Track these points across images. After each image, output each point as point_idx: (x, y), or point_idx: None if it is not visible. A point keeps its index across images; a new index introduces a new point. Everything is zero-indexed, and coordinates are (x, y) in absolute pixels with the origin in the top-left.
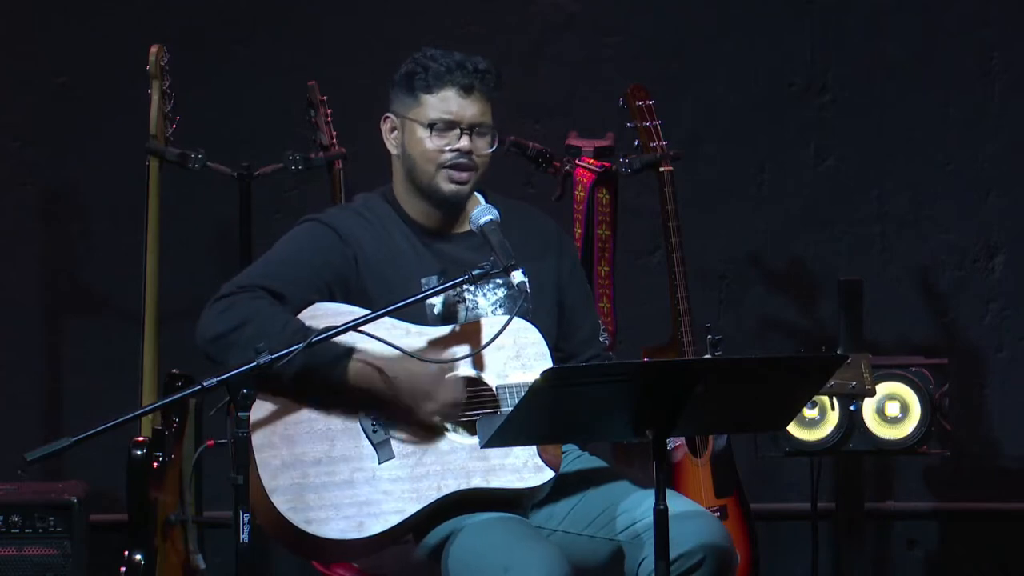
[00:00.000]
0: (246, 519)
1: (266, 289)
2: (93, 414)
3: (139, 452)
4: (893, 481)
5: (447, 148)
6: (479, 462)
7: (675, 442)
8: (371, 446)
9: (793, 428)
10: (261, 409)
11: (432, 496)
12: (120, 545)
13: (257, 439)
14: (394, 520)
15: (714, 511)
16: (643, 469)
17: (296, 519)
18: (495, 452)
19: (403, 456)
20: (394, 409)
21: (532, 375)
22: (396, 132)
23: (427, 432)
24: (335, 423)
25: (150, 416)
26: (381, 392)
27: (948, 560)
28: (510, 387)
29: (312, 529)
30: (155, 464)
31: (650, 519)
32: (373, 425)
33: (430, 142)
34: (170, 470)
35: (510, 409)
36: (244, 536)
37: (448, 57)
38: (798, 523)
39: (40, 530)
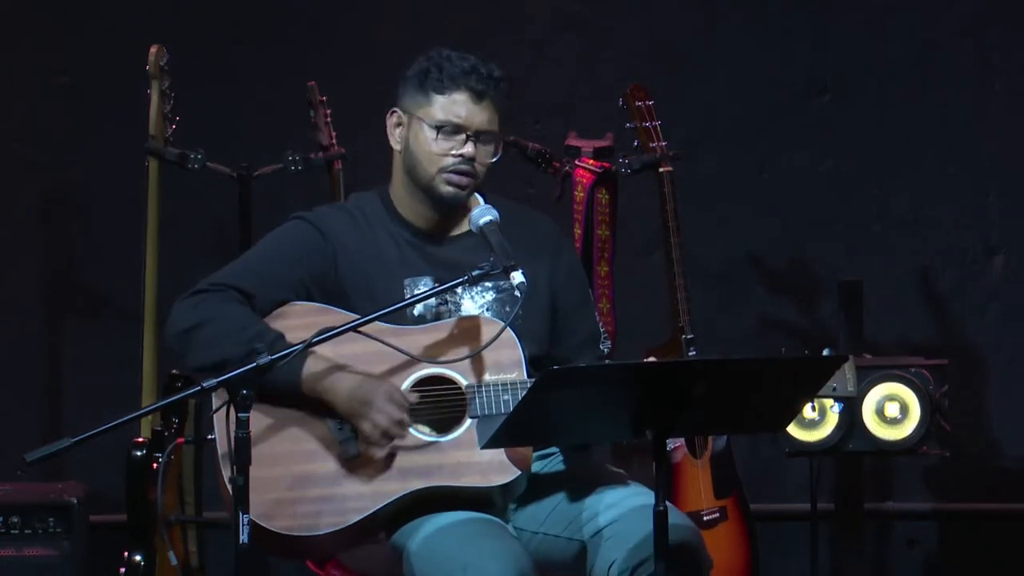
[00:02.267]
0: (245, 520)
1: (236, 288)
2: (93, 414)
3: (139, 452)
4: (893, 481)
5: (451, 152)
6: (444, 460)
7: (675, 443)
8: (335, 443)
9: (793, 428)
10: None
11: (395, 494)
12: (120, 545)
13: (222, 438)
14: (354, 517)
15: (713, 512)
16: (641, 469)
17: (255, 515)
18: (460, 451)
19: (367, 453)
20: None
21: (503, 376)
22: (401, 128)
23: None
24: (300, 420)
25: (150, 417)
26: (327, 404)
27: (948, 560)
28: (479, 386)
29: (273, 525)
30: (155, 464)
31: (610, 516)
32: (338, 423)
33: (435, 144)
34: (169, 470)
35: (477, 408)
36: (243, 536)
37: (463, 60)
38: (798, 523)
39: (40, 531)
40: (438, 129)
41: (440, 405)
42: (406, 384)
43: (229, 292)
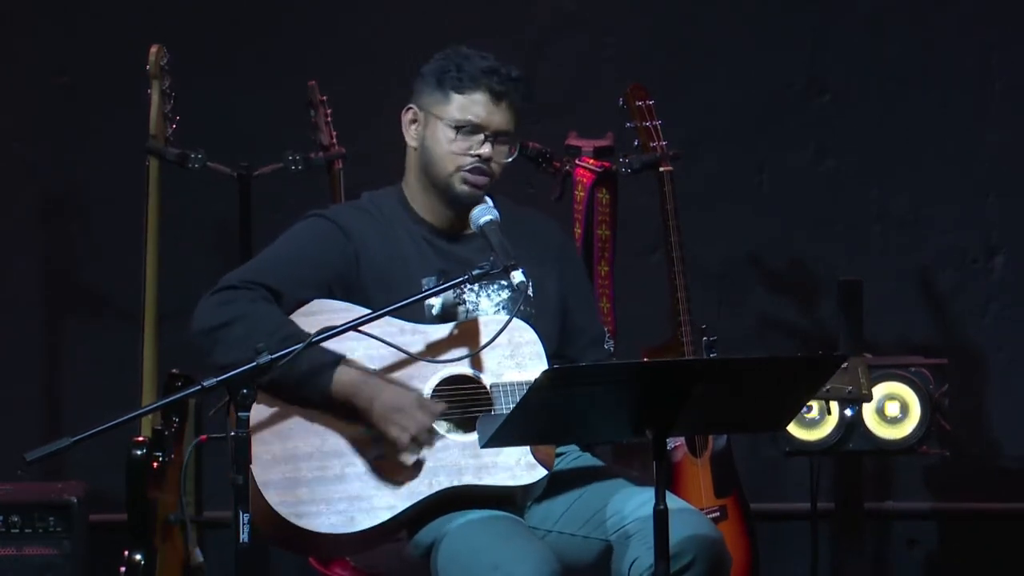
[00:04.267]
0: (246, 519)
1: (264, 285)
2: (93, 414)
3: (139, 452)
4: (893, 481)
5: (468, 152)
6: (471, 459)
7: (675, 442)
8: (365, 442)
9: (793, 428)
10: (255, 404)
11: (423, 492)
12: (120, 545)
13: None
14: (384, 516)
15: (714, 511)
16: (643, 469)
17: (287, 512)
18: (488, 450)
19: (395, 460)
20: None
21: (526, 374)
22: (417, 125)
23: None
24: (327, 418)
25: (150, 416)
26: (357, 411)
27: (948, 560)
28: (504, 386)
29: (303, 523)
30: (155, 464)
31: (638, 517)
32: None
33: (453, 144)
34: (170, 470)
35: (503, 407)
36: (244, 536)
37: (483, 60)
38: (798, 523)
39: (40, 530)
40: (457, 129)
41: (465, 404)
42: (431, 383)
43: (258, 290)
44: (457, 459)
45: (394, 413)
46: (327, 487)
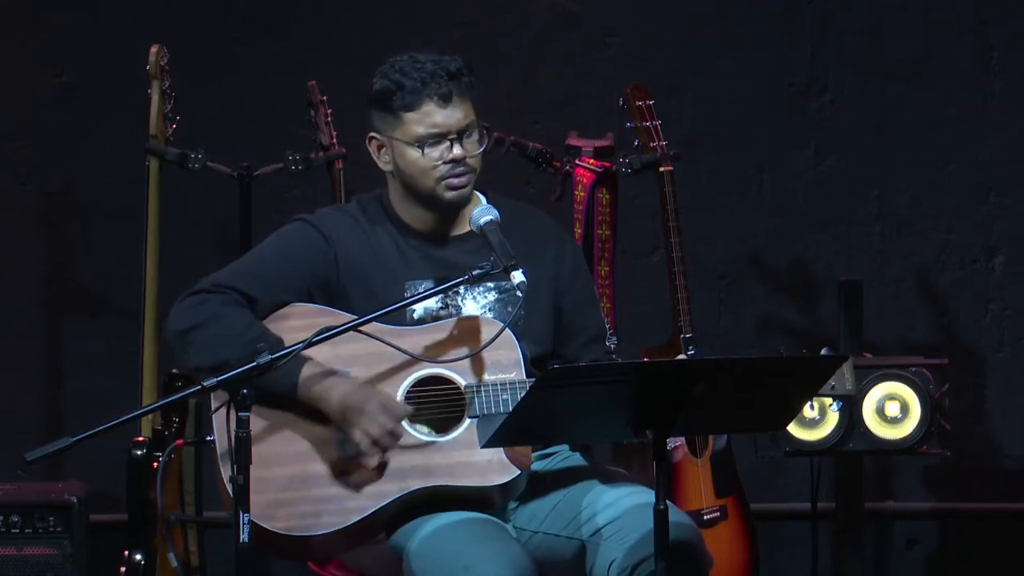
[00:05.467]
0: (246, 519)
1: (237, 290)
2: (93, 414)
3: (139, 452)
4: (893, 481)
5: (441, 161)
6: (443, 460)
7: (675, 442)
8: (335, 443)
9: (793, 428)
10: (224, 410)
11: (394, 493)
12: (120, 545)
13: (221, 437)
14: (354, 517)
15: (714, 511)
16: (642, 469)
17: (257, 515)
18: (460, 450)
19: (367, 453)
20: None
21: (501, 376)
22: (385, 150)
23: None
24: (297, 421)
25: (150, 416)
26: (322, 410)
27: (948, 560)
28: (478, 387)
29: (273, 526)
30: (155, 464)
31: (609, 515)
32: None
33: (423, 159)
34: (169, 471)
35: (476, 409)
36: (244, 536)
37: (418, 69)
38: (798, 523)
39: (40, 530)
40: (421, 145)
41: (439, 405)
42: (406, 384)
43: (231, 294)
44: (428, 460)
45: (357, 415)
46: (296, 489)
